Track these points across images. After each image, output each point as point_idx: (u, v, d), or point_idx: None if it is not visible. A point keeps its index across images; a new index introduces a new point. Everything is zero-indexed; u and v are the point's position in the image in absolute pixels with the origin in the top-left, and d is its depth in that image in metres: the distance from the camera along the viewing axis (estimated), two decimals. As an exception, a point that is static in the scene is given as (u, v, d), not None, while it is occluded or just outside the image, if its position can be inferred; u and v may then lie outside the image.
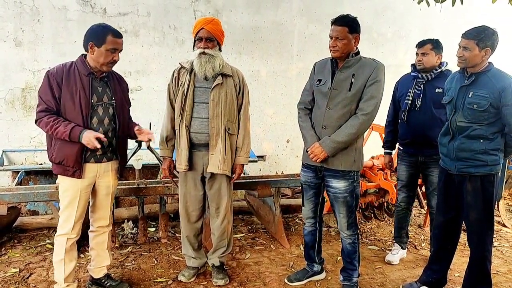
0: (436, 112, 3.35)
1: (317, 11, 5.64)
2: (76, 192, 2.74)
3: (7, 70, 4.64)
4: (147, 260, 3.66)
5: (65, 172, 2.71)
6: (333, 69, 2.89)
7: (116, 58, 2.71)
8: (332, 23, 2.79)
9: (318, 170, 2.98)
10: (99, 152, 2.76)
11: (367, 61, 2.84)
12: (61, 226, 2.79)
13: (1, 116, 4.66)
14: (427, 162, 3.47)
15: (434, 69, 3.41)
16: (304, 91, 3.10)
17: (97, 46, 2.65)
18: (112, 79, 2.87)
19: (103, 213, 2.97)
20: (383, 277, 3.44)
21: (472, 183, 2.74)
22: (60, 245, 2.79)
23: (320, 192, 3.11)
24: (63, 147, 2.67)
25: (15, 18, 4.60)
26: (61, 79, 2.65)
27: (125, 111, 2.98)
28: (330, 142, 2.80)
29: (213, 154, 3.00)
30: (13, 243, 3.97)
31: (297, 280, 3.28)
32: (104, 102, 2.77)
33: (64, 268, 2.81)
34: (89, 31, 2.69)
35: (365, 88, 2.78)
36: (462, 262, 3.59)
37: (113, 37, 2.66)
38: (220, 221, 3.19)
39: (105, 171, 2.86)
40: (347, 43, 2.75)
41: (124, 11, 4.94)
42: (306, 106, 3.06)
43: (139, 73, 5.08)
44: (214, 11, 5.25)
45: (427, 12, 5.88)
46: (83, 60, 2.72)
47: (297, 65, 5.66)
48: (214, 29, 2.96)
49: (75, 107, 2.65)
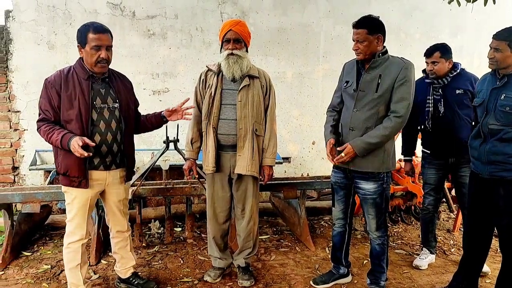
0: (462, 113, 3.29)
1: (344, 12, 5.59)
2: (86, 201, 2.69)
3: (41, 73, 4.74)
4: (173, 259, 3.71)
5: (71, 183, 2.61)
6: (359, 70, 2.87)
7: (102, 56, 2.53)
8: (353, 27, 2.78)
9: (348, 171, 2.96)
10: (108, 159, 2.68)
11: (395, 60, 2.79)
12: (72, 233, 2.73)
13: (34, 117, 4.72)
14: (458, 162, 3.38)
15: (449, 73, 3.33)
16: (334, 94, 3.10)
17: (83, 47, 2.56)
18: (114, 79, 2.77)
19: (117, 220, 2.95)
20: (410, 282, 3.38)
21: (504, 188, 2.66)
22: (74, 251, 2.75)
23: (350, 193, 3.08)
24: (66, 157, 2.58)
25: (48, 22, 4.75)
26: (59, 86, 2.55)
27: (131, 111, 2.86)
28: (361, 143, 2.76)
29: (241, 155, 3.01)
30: (45, 240, 4.09)
31: (323, 283, 3.25)
32: (109, 104, 2.66)
33: (81, 272, 2.80)
34: (76, 33, 2.60)
35: (393, 89, 2.74)
36: (494, 269, 3.49)
37: (93, 33, 2.51)
38: (246, 223, 3.20)
39: (114, 178, 2.79)
40: (368, 44, 2.72)
41: (153, 14, 5.02)
42: (334, 108, 3.06)
43: (167, 75, 5.15)
44: (241, 13, 5.28)
45: (457, 12, 5.74)
46: (81, 64, 2.62)
47: (323, 66, 5.63)
48: (241, 31, 2.98)
49: (74, 113, 2.54)
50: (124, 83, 2.87)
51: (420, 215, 3.92)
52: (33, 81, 4.75)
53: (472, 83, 3.29)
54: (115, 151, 2.72)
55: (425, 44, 6.32)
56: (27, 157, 4.82)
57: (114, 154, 2.72)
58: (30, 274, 3.38)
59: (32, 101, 4.77)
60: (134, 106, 2.94)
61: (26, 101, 4.78)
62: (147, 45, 5.04)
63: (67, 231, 2.77)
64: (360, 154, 2.79)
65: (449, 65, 3.34)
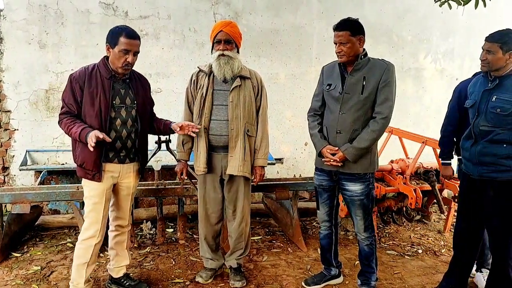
0: None
1: (336, 14, 5.61)
2: (101, 194, 2.77)
3: (32, 72, 4.75)
4: (165, 260, 3.70)
5: (86, 175, 2.73)
6: (342, 73, 2.88)
7: (129, 60, 2.66)
8: (334, 29, 2.80)
9: (333, 174, 2.98)
10: (122, 153, 2.80)
11: (377, 62, 2.82)
12: (87, 229, 2.80)
13: (25, 117, 4.77)
14: None
15: None
16: (314, 97, 3.10)
17: (112, 48, 2.66)
18: (134, 81, 2.88)
19: (122, 213, 3.01)
20: (401, 282, 3.40)
21: (494, 189, 2.68)
22: (86, 248, 2.80)
23: (334, 195, 3.10)
24: (83, 150, 2.68)
25: (39, 21, 4.71)
26: (83, 82, 2.67)
27: (147, 111, 2.97)
28: (354, 150, 2.79)
29: (232, 156, 3.01)
30: (35, 241, 4.06)
31: (315, 284, 3.26)
32: (127, 104, 2.78)
33: (86, 271, 2.83)
34: (108, 33, 2.71)
35: (378, 90, 2.77)
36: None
37: (125, 38, 2.63)
38: (237, 223, 3.20)
39: (127, 172, 2.89)
40: (352, 46, 2.75)
41: (145, 14, 5.01)
42: (315, 112, 3.06)
43: (159, 75, 5.14)
44: (234, 14, 5.28)
45: (449, 15, 5.80)
46: (105, 63, 2.74)
47: (316, 68, 5.65)
48: (232, 32, 2.98)
49: (95, 109, 2.66)
50: (143, 84, 2.97)
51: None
52: (23, 80, 4.72)
53: None
54: (129, 147, 2.84)
55: (417, 46, 6.41)
56: (18, 157, 4.77)
57: (128, 150, 2.84)
58: (20, 275, 3.35)
59: (22, 101, 4.73)
60: (150, 107, 3.04)
61: (16, 101, 4.74)
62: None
63: (83, 227, 2.84)
64: (352, 161, 2.82)
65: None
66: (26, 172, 4.76)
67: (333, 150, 2.86)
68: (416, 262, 3.79)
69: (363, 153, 2.82)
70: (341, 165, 2.85)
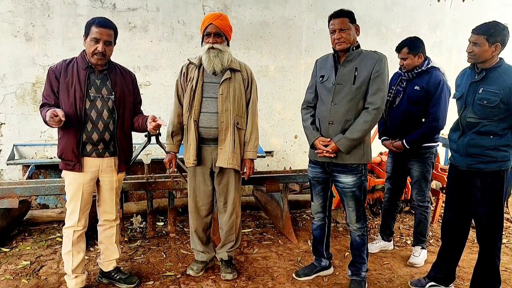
0: (414, 109, 3.39)
1: (325, 6, 5.62)
2: (79, 186, 2.79)
3: (18, 65, 4.68)
4: (156, 254, 3.69)
5: (67, 167, 2.77)
6: (335, 64, 2.90)
7: (99, 49, 2.66)
8: (331, 17, 2.83)
9: (326, 165, 2.99)
10: (100, 146, 2.79)
11: (369, 54, 2.85)
12: (68, 218, 2.85)
13: (12, 111, 4.71)
14: (405, 155, 3.54)
15: (415, 69, 3.41)
16: (308, 90, 3.11)
17: (85, 38, 2.72)
18: (113, 72, 2.86)
19: (108, 208, 2.99)
20: (391, 272, 3.44)
21: (481, 180, 2.72)
22: (67, 237, 2.85)
23: (328, 187, 3.12)
24: (61, 142, 2.76)
25: (25, 13, 4.64)
26: (60, 73, 2.71)
27: (128, 104, 2.91)
28: (346, 141, 2.80)
29: (222, 149, 3.01)
30: (24, 236, 4.03)
31: (305, 275, 3.29)
32: (103, 94, 2.77)
33: (72, 259, 2.86)
34: None
35: (370, 81, 2.79)
36: (471, 259, 3.58)
37: (95, 26, 2.66)
38: (228, 216, 3.21)
39: (108, 166, 2.87)
40: (351, 32, 2.79)
41: (134, 6, 4.96)
42: (308, 104, 3.07)
43: (148, 68, 5.10)
44: (223, 7, 5.25)
45: (436, 8, 5.84)
46: (83, 55, 2.77)
47: (305, 60, 5.66)
48: (222, 24, 2.97)
49: (69, 99, 2.69)
50: (124, 76, 2.93)
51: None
52: (10, 74, 4.65)
53: (429, 82, 3.34)
54: (107, 140, 2.81)
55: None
56: (5, 151, 4.72)
57: (107, 142, 2.82)
58: (9, 270, 3.32)
59: (9, 94, 4.67)
60: (133, 100, 2.97)
61: (3, 94, 4.67)
62: (128, 38, 4.97)
63: (65, 215, 2.87)
64: (345, 152, 2.84)
65: (419, 60, 3.41)
66: (14, 167, 4.71)
67: (326, 142, 2.88)
68: (405, 252, 3.83)
69: (355, 144, 2.83)
70: (334, 156, 2.87)
